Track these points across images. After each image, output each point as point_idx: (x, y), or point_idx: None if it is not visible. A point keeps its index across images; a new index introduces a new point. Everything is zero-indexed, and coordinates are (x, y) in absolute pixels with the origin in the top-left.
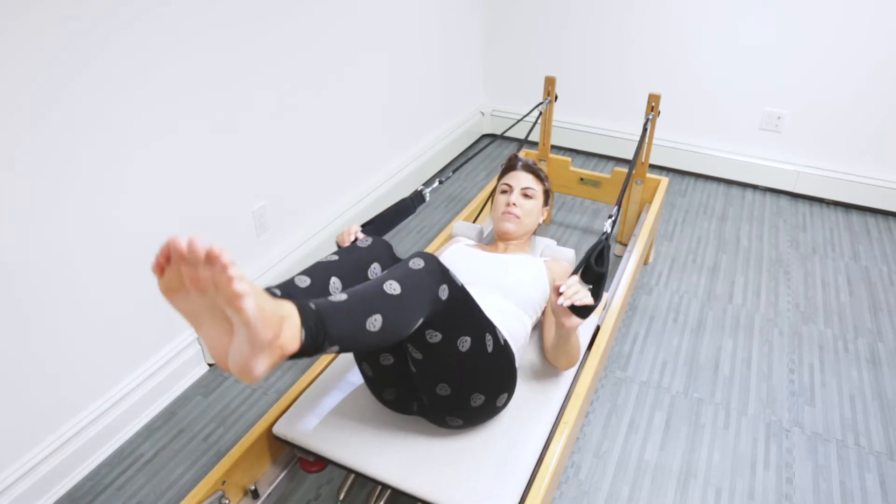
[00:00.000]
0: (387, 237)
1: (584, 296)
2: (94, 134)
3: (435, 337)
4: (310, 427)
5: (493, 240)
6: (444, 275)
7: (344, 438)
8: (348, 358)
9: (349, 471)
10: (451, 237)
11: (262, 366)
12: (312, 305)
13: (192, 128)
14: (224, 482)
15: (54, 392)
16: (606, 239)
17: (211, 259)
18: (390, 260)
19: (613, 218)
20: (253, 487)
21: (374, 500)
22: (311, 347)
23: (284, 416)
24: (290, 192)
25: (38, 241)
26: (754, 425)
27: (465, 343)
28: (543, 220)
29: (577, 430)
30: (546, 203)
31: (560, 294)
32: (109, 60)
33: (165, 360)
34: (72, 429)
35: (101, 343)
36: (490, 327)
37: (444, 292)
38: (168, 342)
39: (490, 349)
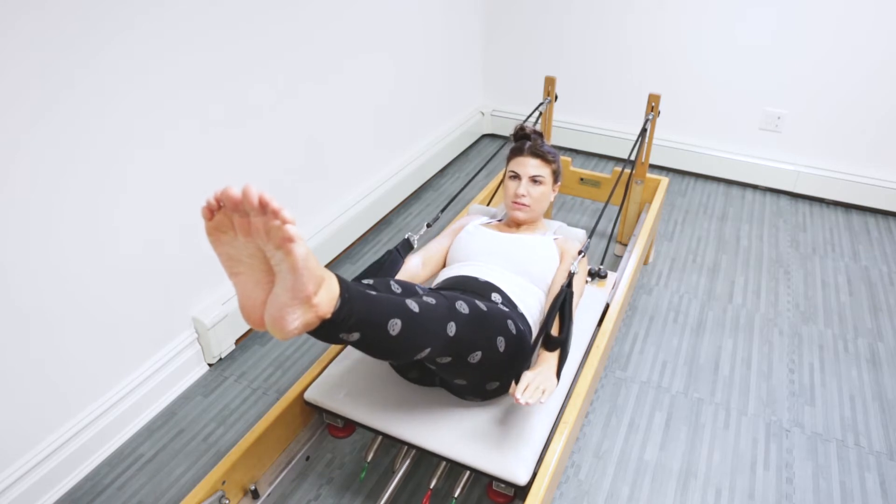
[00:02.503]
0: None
1: (539, 394)
2: (94, 134)
3: (445, 359)
4: (338, 394)
5: (507, 217)
6: (450, 311)
7: (371, 404)
8: None
9: (377, 433)
10: (467, 213)
11: (297, 321)
12: (348, 283)
13: (192, 127)
14: (224, 482)
15: (54, 392)
16: (568, 286)
17: (264, 206)
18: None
19: (583, 253)
20: (253, 487)
21: (399, 461)
22: (338, 320)
23: (314, 384)
24: (289, 193)
25: (38, 241)
26: (754, 425)
27: (475, 357)
28: (553, 197)
29: (577, 430)
30: (556, 181)
31: (520, 390)
32: (109, 61)
33: (165, 360)
34: (72, 429)
35: (101, 343)
36: (501, 327)
37: (451, 329)
38: (168, 342)
39: (503, 349)
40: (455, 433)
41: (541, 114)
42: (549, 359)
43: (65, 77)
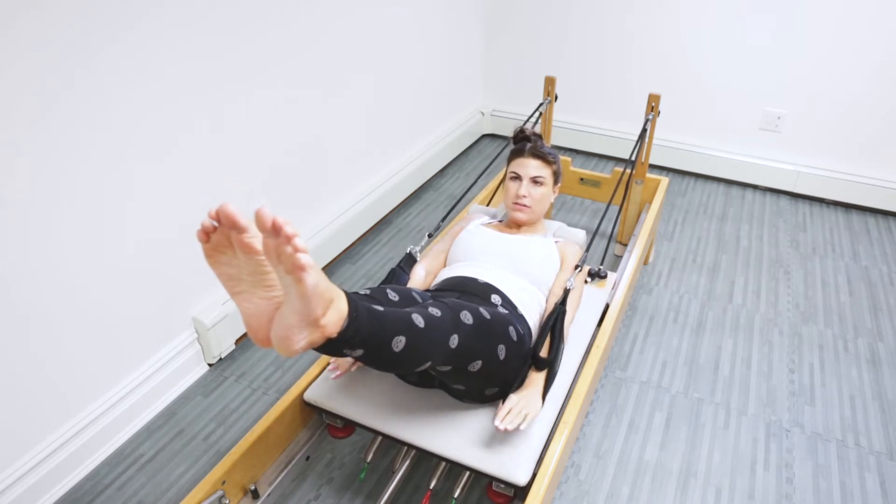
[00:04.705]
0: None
1: (520, 419)
2: (95, 134)
3: (445, 368)
4: (338, 394)
5: (507, 218)
6: (455, 324)
7: (370, 405)
8: None
9: (376, 434)
10: (467, 214)
11: (303, 340)
12: (357, 301)
13: (192, 128)
14: (224, 482)
15: (54, 392)
16: (562, 304)
17: (277, 230)
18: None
19: (580, 267)
20: (253, 487)
21: (398, 461)
22: (343, 338)
23: (314, 384)
24: (290, 192)
25: (38, 241)
26: (754, 425)
27: (476, 365)
28: (554, 198)
29: (577, 430)
30: (557, 182)
31: (502, 417)
32: (110, 61)
33: (165, 360)
34: (72, 429)
35: (102, 343)
36: (502, 334)
37: (453, 341)
38: (168, 342)
39: (503, 356)
40: (455, 434)
41: (541, 114)
42: (535, 380)
43: (65, 77)
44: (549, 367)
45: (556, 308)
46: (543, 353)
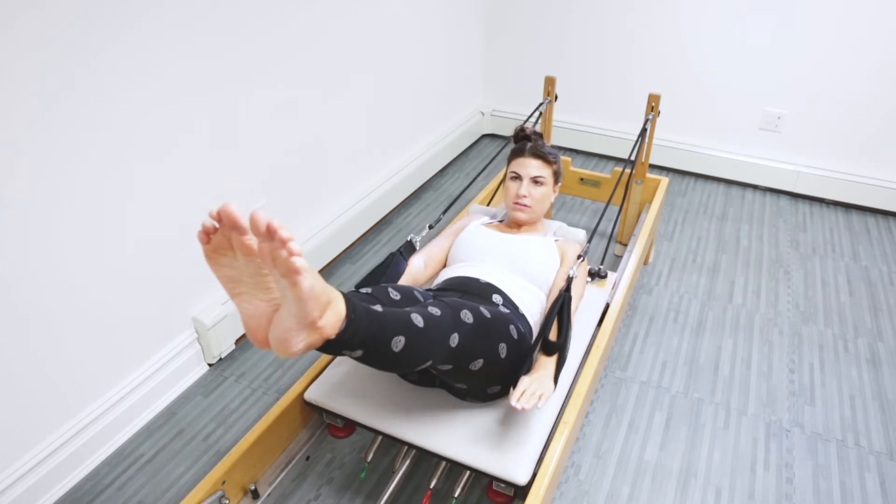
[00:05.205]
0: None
1: (535, 399)
2: (95, 134)
3: (446, 367)
4: (338, 394)
5: (508, 218)
6: (455, 323)
7: (370, 404)
8: None
9: (376, 433)
10: (468, 213)
11: (301, 343)
12: (355, 302)
13: (192, 128)
14: (224, 482)
15: (54, 392)
16: (567, 291)
17: (272, 233)
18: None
19: (582, 257)
20: (253, 487)
21: (399, 461)
22: (342, 340)
23: (314, 384)
24: (290, 192)
25: (38, 241)
26: (754, 425)
27: (477, 364)
28: (554, 198)
29: (577, 430)
30: (557, 182)
31: (518, 396)
32: (110, 61)
33: (165, 360)
34: (72, 429)
35: (101, 343)
36: (503, 333)
37: (454, 340)
38: (168, 342)
39: (504, 355)
40: (455, 433)
41: (541, 114)
42: (546, 364)
43: (65, 77)
44: (560, 350)
45: (562, 294)
46: (552, 336)
